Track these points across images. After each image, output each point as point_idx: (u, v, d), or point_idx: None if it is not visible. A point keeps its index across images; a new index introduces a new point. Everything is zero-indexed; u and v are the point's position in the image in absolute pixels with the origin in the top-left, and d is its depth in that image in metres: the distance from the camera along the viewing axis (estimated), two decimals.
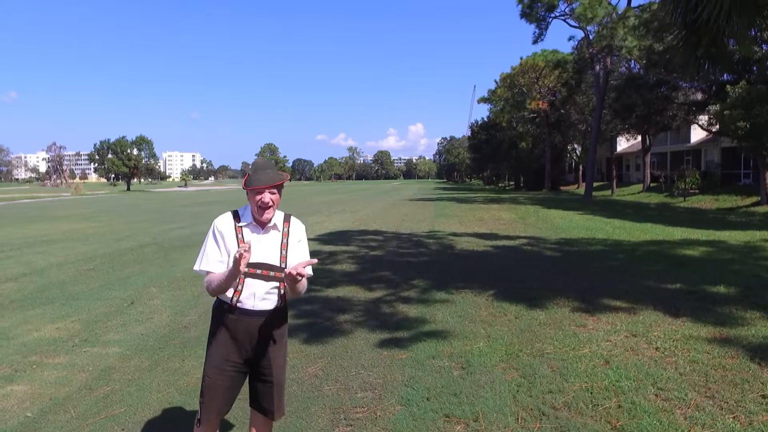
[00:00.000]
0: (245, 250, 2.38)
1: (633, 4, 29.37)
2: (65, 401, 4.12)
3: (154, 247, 12.83)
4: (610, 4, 28.79)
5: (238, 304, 2.68)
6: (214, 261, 2.65)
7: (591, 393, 4.05)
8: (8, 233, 16.73)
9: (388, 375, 4.51)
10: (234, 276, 2.50)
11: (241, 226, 2.67)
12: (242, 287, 2.65)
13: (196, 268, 2.71)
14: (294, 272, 2.44)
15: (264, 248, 2.66)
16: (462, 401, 3.96)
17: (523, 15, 32.33)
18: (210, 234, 2.70)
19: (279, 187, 2.64)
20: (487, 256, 10.78)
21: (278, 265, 2.66)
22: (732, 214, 21.13)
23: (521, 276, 8.49)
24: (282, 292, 2.73)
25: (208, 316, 6.40)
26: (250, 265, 2.60)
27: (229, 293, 2.67)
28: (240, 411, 3.74)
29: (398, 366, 4.70)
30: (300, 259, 2.70)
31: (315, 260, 2.61)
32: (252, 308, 2.68)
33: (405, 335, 5.55)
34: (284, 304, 2.80)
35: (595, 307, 6.47)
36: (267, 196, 2.58)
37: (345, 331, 5.75)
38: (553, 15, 32.48)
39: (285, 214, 2.79)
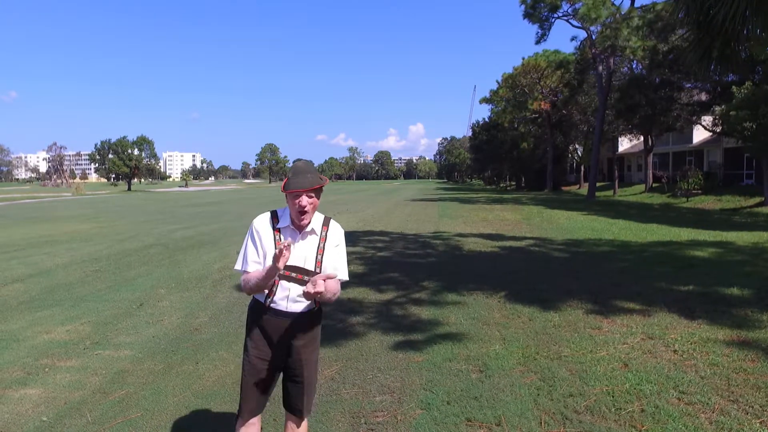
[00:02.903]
0: (285, 247, 2.37)
1: (636, 5, 29.34)
2: (80, 405, 4.07)
3: (159, 247, 12.78)
4: (613, 4, 28.77)
5: (272, 305, 2.69)
6: (251, 262, 2.66)
7: (613, 397, 4.00)
8: (11, 234, 16.69)
9: (405, 378, 4.46)
10: (271, 275, 2.51)
11: (278, 228, 2.68)
12: (276, 288, 2.66)
13: (236, 267, 2.74)
14: (311, 290, 2.39)
15: (300, 252, 2.65)
16: (483, 405, 3.91)
17: (526, 15, 32.31)
18: (248, 234, 2.72)
19: (317, 191, 2.63)
20: (495, 257, 10.73)
21: (313, 269, 2.65)
22: (736, 215, 21.07)
23: (531, 277, 8.44)
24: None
25: (219, 318, 6.41)
26: (285, 267, 2.59)
27: (264, 293, 2.70)
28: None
29: (415, 369, 4.65)
30: (335, 264, 2.69)
31: (335, 274, 2.54)
32: (285, 309, 2.68)
33: (419, 337, 5.50)
34: (318, 308, 2.78)
35: (609, 309, 6.42)
36: (305, 200, 2.57)
37: (358, 333, 5.71)
38: (556, 15, 32.46)
39: (324, 218, 2.77)
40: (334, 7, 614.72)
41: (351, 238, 13.96)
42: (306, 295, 2.44)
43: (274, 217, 2.71)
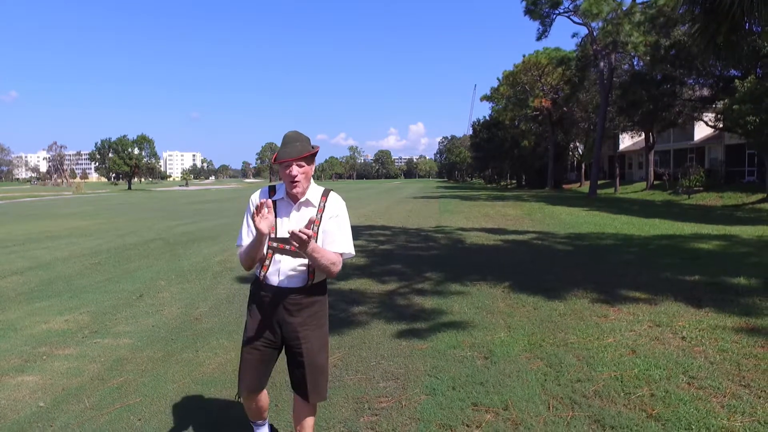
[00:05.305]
0: (264, 205, 2.33)
1: (638, 0, 29.19)
2: (78, 391, 3.99)
3: (160, 242, 12.70)
4: (614, 0, 28.62)
5: (265, 280, 2.64)
6: (245, 236, 2.65)
7: (621, 382, 3.92)
8: (11, 230, 16.62)
9: (409, 365, 4.38)
10: (258, 241, 2.44)
11: (275, 201, 2.62)
12: (269, 263, 2.61)
13: (237, 243, 2.72)
14: (296, 231, 2.24)
15: (295, 224, 2.55)
16: (489, 390, 3.83)
17: (527, 12, 32.19)
18: (246, 209, 2.69)
19: (308, 160, 2.54)
20: (497, 249, 10.65)
21: None
22: (739, 211, 20.97)
23: (535, 268, 8.36)
24: (311, 270, 2.60)
25: (219, 308, 6.33)
26: (279, 240, 2.56)
27: (258, 267, 2.66)
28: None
29: (419, 356, 4.57)
30: (333, 236, 2.59)
31: (310, 231, 2.27)
32: (277, 284, 2.61)
33: (423, 326, 5.42)
34: (314, 283, 2.64)
35: (615, 298, 6.34)
36: (295, 170, 2.50)
37: (361, 322, 5.63)
38: (557, 12, 32.33)
39: (324, 189, 2.68)
40: (335, 6, 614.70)
41: (353, 232, 13.82)
42: (291, 235, 2.25)
43: (272, 191, 2.67)
